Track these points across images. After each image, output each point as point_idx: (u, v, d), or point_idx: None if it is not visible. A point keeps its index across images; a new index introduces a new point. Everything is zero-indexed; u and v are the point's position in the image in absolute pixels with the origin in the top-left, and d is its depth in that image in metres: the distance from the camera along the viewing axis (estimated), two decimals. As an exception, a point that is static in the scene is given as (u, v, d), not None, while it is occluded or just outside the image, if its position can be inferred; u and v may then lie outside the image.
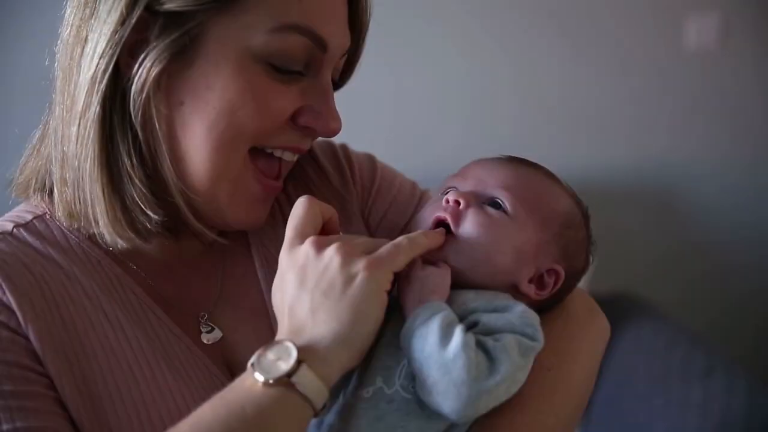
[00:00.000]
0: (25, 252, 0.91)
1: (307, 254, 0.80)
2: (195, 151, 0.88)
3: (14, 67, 2.13)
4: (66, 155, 0.90)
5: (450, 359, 0.76)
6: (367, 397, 0.81)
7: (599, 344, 0.99)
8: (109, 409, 0.84)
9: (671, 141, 2.82)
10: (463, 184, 0.92)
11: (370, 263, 0.78)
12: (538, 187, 0.92)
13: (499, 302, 0.85)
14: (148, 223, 0.90)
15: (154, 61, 0.84)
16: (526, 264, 0.89)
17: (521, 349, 0.80)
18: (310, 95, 0.92)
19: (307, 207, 0.84)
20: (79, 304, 0.89)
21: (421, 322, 0.79)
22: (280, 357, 0.75)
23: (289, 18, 0.86)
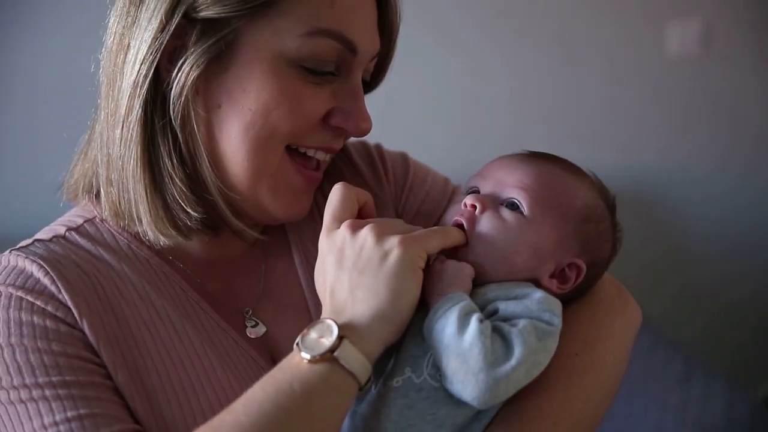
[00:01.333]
0: (78, 254, 0.96)
1: (344, 237, 0.84)
2: (233, 151, 0.92)
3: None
4: (111, 157, 0.94)
5: (467, 348, 0.79)
6: (396, 387, 0.84)
7: (628, 329, 1.00)
8: (162, 399, 0.89)
9: (661, 148, 2.83)
10: (483, 185, 0.95)
11: (404, 239, 0.82)
12: (555, 184, 0.93)
13: (518, 290, 0.87)
14: (189, 221, 0.94)
15: (192, 66, 0.88)
16: (545, 261, 0.91)
17: (538, 333, 0.82)
18: (341, 97, 0.95)
19: (343, 193, 0.88)
20: (131, 300, 0.94)
21: (441, 313, 0.82)
22: (322, 335, 0.79)
23: (321, 23, 0.89)
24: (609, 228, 0.98)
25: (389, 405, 0.83)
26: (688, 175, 2.86)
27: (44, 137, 1.97)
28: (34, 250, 0.95)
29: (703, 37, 2.75)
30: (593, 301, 0.98)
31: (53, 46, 2.15)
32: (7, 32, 2.17)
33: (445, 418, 0.83)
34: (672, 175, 2.85)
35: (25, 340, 0.86)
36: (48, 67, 2.17)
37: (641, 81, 2.78)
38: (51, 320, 0.88)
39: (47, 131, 1.99)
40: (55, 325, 0.88)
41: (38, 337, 0.86)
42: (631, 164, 2.81)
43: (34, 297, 0.89)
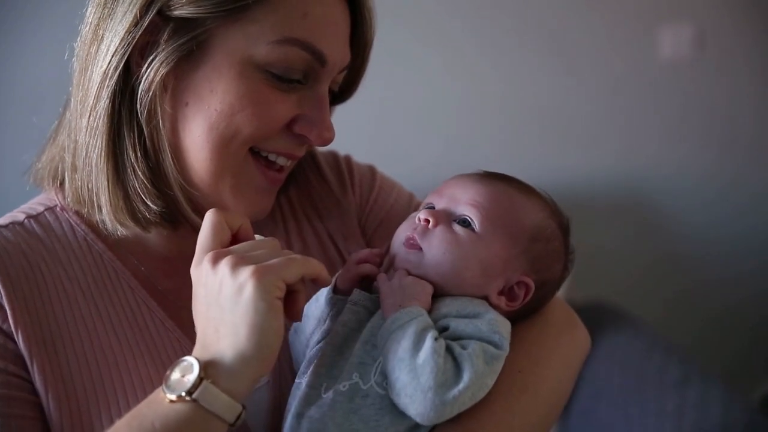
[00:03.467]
0: (29, 243, 0.97)
1: (207, 270, 0.82)
2: (197, 150, 0.93)
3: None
4: (77, 144, 0.95)
5: (420, 364, 0.81)
6: (343, 391, 0.85)
7: (575, 354, 1.02)
8: (92, 401, 0.90)
9: (655, 154, 2.83)
10: (438, 201, 0.97)
11: (257, 270, 0.79)
12: (507, 203, 0.96)
13: (471, 308, 0.89)
14: (148, 213, 0.94)
15: (162, 62, 0.89)
16: (494, 278, 0.93)
17: (486, 357, 0.84)
18: (306, 105, 0.96)
19: (213, 220, 0.85)
20: (73, 299, 0.95)
21: (398, 326, 0.84)
22: (184, 374, 0.78)
23: (292, 32, 0.91)
24: (560, 248, 1.00)
25: (335, 408, 0.85)
26: (683, 179, 2.87)
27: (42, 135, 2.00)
28: None
29: (696, 41, 2.76)
30: (542, 322, 1.00)
31: (51, 45, 2.14)
32: (6, 32, 2.18)
33: (389, 425, 0.84)
34: (666, 179, 2.86)
35: None
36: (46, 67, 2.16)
37: (636, 86, 2.79)
38: None
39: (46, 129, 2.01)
40: None
41: None
42: (625, 169, 2.82)
43: None
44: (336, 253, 1.10)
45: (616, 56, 2.76)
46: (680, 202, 2.89)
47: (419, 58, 2.59)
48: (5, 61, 2.21)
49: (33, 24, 2.16)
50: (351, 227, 1.12)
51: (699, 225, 2.91)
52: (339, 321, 0.91)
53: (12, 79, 2.25)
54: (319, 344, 0.92)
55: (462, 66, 2.67)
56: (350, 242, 1.11)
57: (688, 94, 2.82)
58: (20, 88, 2.23)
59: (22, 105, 2.18)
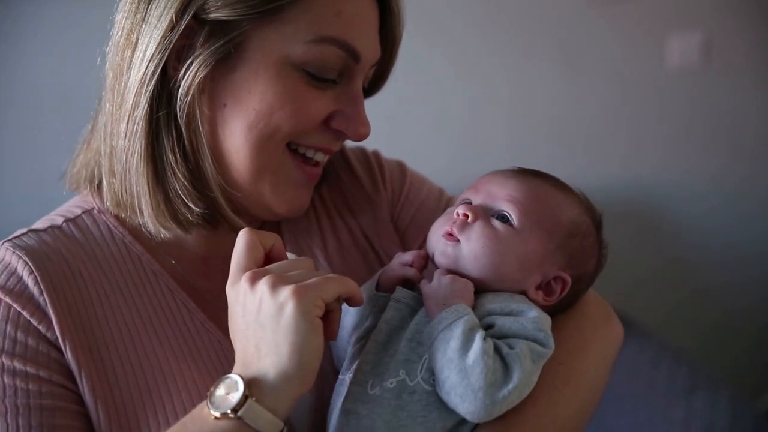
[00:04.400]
0: (69, 248, 0.98)
1: (245, 290, 0.82)
2: (236, 150, 0.94)
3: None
4: (114, 149, 0.96)
5: (469, 365, 0.82)
6: (390, 388, 0.87)
7: (611, 346, 1.03)
8: (138, 404, 0.91)
9: (661, 160, 2.83)
10: (475, 197, 0.97)
11: (297, 290, 0.79)
12: (544, 199, 0.96)
13: (515, 305, 0.90)
14: (190, 215, 0.95)
15: (200, 66, 0.90)
16: (531, 273, 0.94)
17: (533, 356, 0.86)
18: (342, 101, 0.97)
19: (247, 240, 0.86)
20: (114, 302, 0.95)
21: (445, 325, 0.85)
22: (229, 391, 0.80)
23: (327, 31, 0.92)
24: (594, 244, 1.01)
25: (382, 405, 0.86)
26: (689, 186, 2.86)
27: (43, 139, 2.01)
28: (26, 241, 0.97)
29: (704, 49, 2.76)
30: (579, 315, 1.01)
31: (51, 51, 2.17)
32: (5, 37, 2.19)
33: (436, 421, 0.86)
34: (672, 186, 2.85)
35: (4, 358, 0.89)
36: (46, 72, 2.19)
37: (642, 93, 2.78)
38: (32, 336, 0.90)
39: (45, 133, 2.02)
40: (35, 343, 0.90)
41: (16, 355, 0.89)
42: (632, 175, 2.82)
43: (13, 299, 0.90)
44: (370, 249, 1.11)
45: (624, 63, 2.75)
46: (686, 209, 2.89)
47: (428, 63, 2.59)
48: (5, 62, 2.22)
49: (32, 26, 2.17)
50: (384, 223, 1.13)
51: (704, 231, 2.91)
52: (383, 318, 0.92)
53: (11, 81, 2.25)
54: (361, 341, 0.93)
55: (470, 71, 2.66)
56: (383, 238, 1.12)
57: (694, 101, 2.81)
58: (19, 90, 2.24)
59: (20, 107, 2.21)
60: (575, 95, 2.74)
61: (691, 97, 2.80)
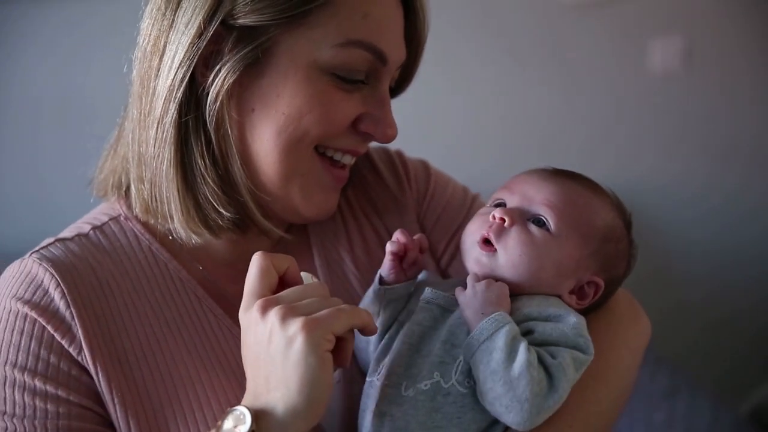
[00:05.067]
0: (96, 257, 0.98)
1: (256, 318, 0.81)
2: (265, 154, 0.94)
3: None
4: (143, 156, 0.96)
5: (515, 377, 0.82)
6: (425, 390, 0.87)
7: (640, 339, 1.04)
8: (169, 414, 0.91)
9: (651, 167, 2.81)
10: (510, 199, 0.97)
11: (307, 323, 0.78)
12: (580, 203, 0.96)
13: (552, 310, 0.90)
14: (220, 220, 0.96)
15: (228, 72, 0.90)
16: (567, 278, 0.94)
17: (576, 364, 0.86)
18: (369, 103, 0.98)
19: (261, 265, 0.84)
20: (142, 311, 0.96)
21: (486, 336, 0.85)
22: (237, 424, 0.79)
23: (355, 34, 0.92)
24: (627, 247, 1.01)
25: (417, 407, 0.86)
26: (680, 192, 2.84)
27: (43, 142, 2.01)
28: (54, 252, 0.97)
29: (687, 54, 2.74)
30: (609, 313, 1.02)
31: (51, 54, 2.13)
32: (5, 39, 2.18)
33: (470, 422, 0.86)
34: (662, 192, 2.83)
35: (26, 375, 0.89)
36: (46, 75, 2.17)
37: (633, 98, 2.77)
38: (55, 353, 0.90)
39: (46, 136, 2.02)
40: (57, 360, 0.90)
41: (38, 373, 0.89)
42: (622, 181, 2.76)
43: (39, 313, 0.90)
44: None
45: (614, 68, 2.74)
46: (676, 215, 2.88)
47: (421, 72, 2.59)
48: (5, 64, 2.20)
49: (33, 28, 2.15)
50: (410, 223, 1.13)
51: (694, 238, 2.90)
52: (414, 320, 0.92)
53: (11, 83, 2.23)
54: (382, 341, 0.93)
55: (460, 77, 2.64)
56: None
57: (685, 107, 2.80)
58: (19, 93, 2.22)
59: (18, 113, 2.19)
60: (565, 100, 2.74)
61: (683, 103, 2.80)
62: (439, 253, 1.12)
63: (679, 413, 2.12)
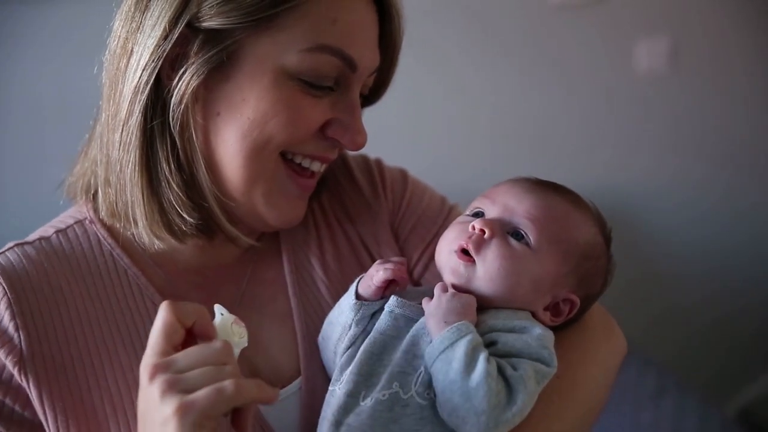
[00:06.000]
0: (52, 261, 0.97)
1: (144, 380, 0.76)
2: (229, 159, 0.93)
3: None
4: (110, 159, 0.95)
5: (473, 388, 0.80)
6: (382, 400, 0.85)
7: (612, 358, 1.02)
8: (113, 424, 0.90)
9: (643, 169, 2.80)
10: (490, 209, 0.95)
11: (181, 407, 0.72)
12: (562, 219, 0.94)
13: (518, 322, 0.88)
14: (184, 225, 0.95)
15: (193, 75, 0.89)
16: (543, 294, 0.92)
17: (537, 377, 0.84)
18: (338, 109, 0.96)
19: (164, 320, 0.78)
20: (94, 318, 0.95)
21: (446, 345, 0.83)
22: None
23: (322, 39, 0.91)
24: (605, 264, 0.99)
25: (374, 417, 0.84)
26: (673, 193, 2.85)
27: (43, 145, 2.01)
28: (9, 257, 0.96)
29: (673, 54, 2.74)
30: (580, 327, 1.00)
31: (52, 55, 2.16)
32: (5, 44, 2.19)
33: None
34: (654, 196, 2.84)
35: None
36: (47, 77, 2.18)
37: (626, 99, 2.75)
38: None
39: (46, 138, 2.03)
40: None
41: None
42: (616, 182, 2.78)
43: None
44: (368, 257, 1.09)
45: (607, 68, 2.73)
46: (668, 218, 2.87)
47: (406, 73, 2.59)
48: (5, 65, 2.20)
49: (32, 30, 2.15)
50: (383, 231, 1.11)
51: (686, 240, 2.89)
52: (376, 328, 0.91)
53: (10, 85, 2.24)
54: (348, 350, 0.92)
55: (451, 80, 2.63)
56: (383, 247, 1.10)
57: (677, 108, 2.79)
58: (17, 96, 2.23)
59: (19, 113, 2.19)
60: (556, 102, 2.72)
61: (673, 105, 2.79)
62: (413, 262, 1.10)
63: (666, 414, 2.12)
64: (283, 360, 1.01)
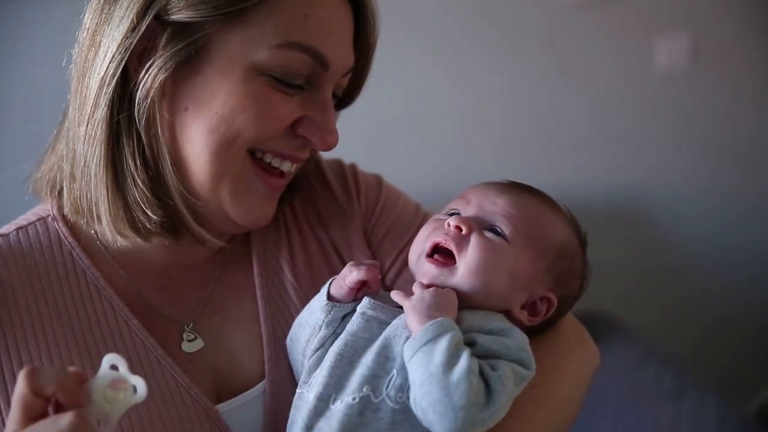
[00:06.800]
0: (7, 260, 0.95)
1: None
2: (196, 155, 0.91)
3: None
4: (75, 154, 0.93)
5: (454, 383, 0.78)
6: (353, 404, 0.83)
7: (586, 368, 1.01)
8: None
9: (653, 164, 2.83)
10: (465, 209, 0.95)
11: None
12: (537, 217, 0.94)
13: (495, 324, 0.87)
14: (148, 223, 0.92)
15: (159, 68, 0.88)
16: (519, 291, 0.91)
17: (516, 379, 0.83)
18: (310, 107, 0.94)
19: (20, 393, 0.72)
20: (47, 320, 0.92)
21: (429, 338, 0.81)
22: None
23: (293, 36, 0.89)
24: (581, 266, 0.99)
25: (343, 422, 0.83)
26: (681, 190, 2.88)
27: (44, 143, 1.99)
28: None
29: (693, 52, 2.76)
30: (554, 337, 0.99)
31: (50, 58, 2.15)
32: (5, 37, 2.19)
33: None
34: (664, 190, 2.87)
35: None
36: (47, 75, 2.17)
37: (635, 97, 2.79)
38: None
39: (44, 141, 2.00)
40: None
41: None
42: (623, 179, 2.81)
43: None
44: (339, 262, 1.08)
45: (616, 66, 2.75)
46: (678, 213, 2.89)
47: (420, 68, 2.58)
48: (4, 66, 2.21)
49: (31, 28, 2.16)
50: (355, 236, 1.10)
51: (696, 235, 2.91)
52: (348, 330, 0.89)
53: (10, 84, 2.24)
54: (316, 353, 0.90)
55: (462, 75, 2.66)
56: (355, 252, 1.08)
57: (686, 105, 2.81)
58: (19, 94, 2.23)
59: (20, 111, 2.20)
60: (566, 99, 2.74)
61: (684, 101, 2.81)
62: (386, 268, 1.08)
63: (685, 414, 2.10)
64: (247, 363, 0.99)
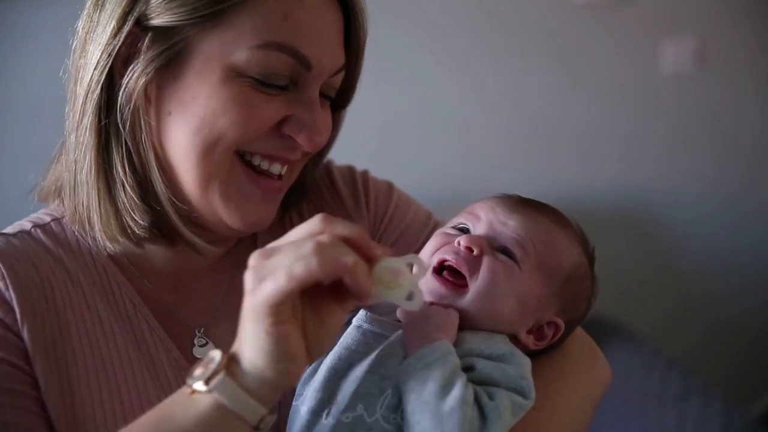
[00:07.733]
0: (37, 252, 0.96)
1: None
2: (182, 159, 0.90)
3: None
4: (69, 161, 0.94)
5: (446, 412, 0.76)
6: (346, 423, 0.80)
7: (594, 388, 0.98)
8: (88, 413, 0.88)
9: (657, 167, 2.82)
10: (476, 226, 0.92)
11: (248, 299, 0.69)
12: (548, 240, 0.92)
13: (496, 348, 0.85)
14: (137, 229, 0.92)
15: (140, 73, 0.87)
16: (527, 316, 0.89)
17: (513, 408, 0.80)
18: (296, 107, 0.92)
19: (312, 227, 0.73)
20: (78, 308, 0.93)
21: (424, 364, 0.79)
22: (206, 365, 0.72)
23: (272, 36, 0.87)
24: (590, 287, 0.97)
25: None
26: (685, 192, 2.88)
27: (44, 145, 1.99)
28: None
29: (698, 54, 2.76)
30: (560, 355, 0.96)
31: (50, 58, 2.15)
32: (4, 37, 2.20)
33: None
34: (668, 193, 2.86)
35: None
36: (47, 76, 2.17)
37: (639, 99, 2.79)
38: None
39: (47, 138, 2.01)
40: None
41: None
42: (628, 181, 2.82)
43: None
44: None
45: (620, 68, 2.75)
46: (682, 215, 2.89)
47: (425, 69, 2.59)
48: (4, 69, 2.21)
49: (31, 29, 2.16)
50: None
51: (700, 237, 2.91)
52: (343, 344, 0.86)
53: (10, 88, 2.25)
54: (312, 364, 0.87)
55: (466, 77, 2.65)
56: None
57: (690, 107, 2.81)
58: (19, 97, 2.24)
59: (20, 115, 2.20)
60: (572, 100, 2.74)
61: (687, 103, 2.80)
62: None
63: (690, 417, 2.09)
64: None
